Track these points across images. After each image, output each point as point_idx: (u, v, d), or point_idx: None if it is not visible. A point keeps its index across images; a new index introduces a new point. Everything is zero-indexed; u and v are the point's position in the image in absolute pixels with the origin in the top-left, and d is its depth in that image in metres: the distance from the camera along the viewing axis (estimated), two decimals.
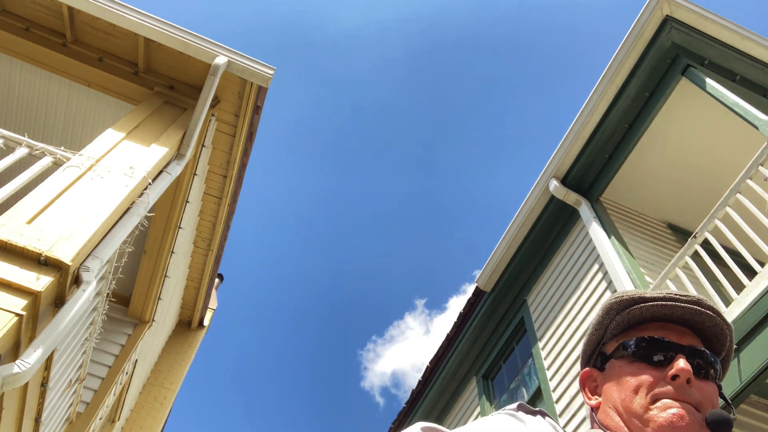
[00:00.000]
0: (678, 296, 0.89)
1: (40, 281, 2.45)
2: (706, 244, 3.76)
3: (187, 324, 6.81)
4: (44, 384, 3.01)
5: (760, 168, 3.49)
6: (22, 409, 2.85)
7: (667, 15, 4.49)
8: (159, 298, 5.20)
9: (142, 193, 3.34)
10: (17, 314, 2.30)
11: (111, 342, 4.88)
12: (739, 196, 3.57)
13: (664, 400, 0.80)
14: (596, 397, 0.93)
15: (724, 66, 4.54)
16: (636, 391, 0.83)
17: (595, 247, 4.73)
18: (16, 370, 2.25)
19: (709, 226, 3.69)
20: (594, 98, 4.92)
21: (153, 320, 5.29)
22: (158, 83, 4.21)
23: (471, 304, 6.31)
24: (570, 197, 5.18)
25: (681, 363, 0.81)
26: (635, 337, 0.89)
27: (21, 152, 3.18)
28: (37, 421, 3.16)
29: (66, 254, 2.58)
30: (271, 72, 4.06)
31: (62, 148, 3.34)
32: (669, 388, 0.80)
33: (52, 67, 4.17)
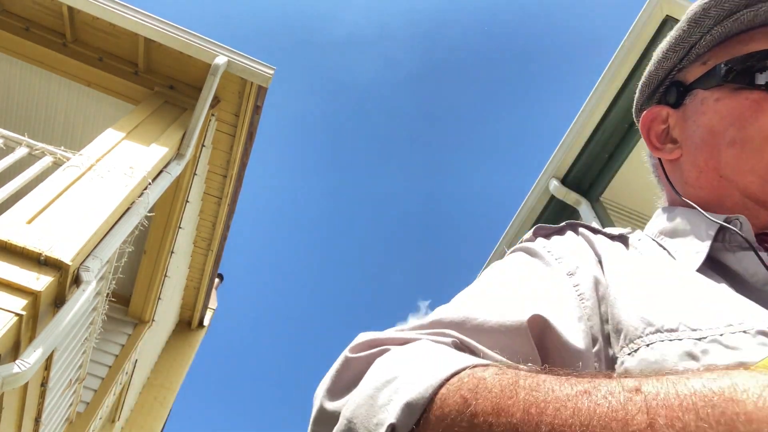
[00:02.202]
0: None
1: (40, 281, 2.45)
2: None
3: (187, 324, 6.80)
4: (44, 384, 3.01)
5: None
6: (22, 409, 2.85)
7: (667, 15, 4.49)
8: (159, 298, 5.19)
9: (142, 193, 3.33)
10: (17, 314, 2.29)
11: (111, 342, 4.88)
12: None
13: None
14: (670, 145, 0.67)
15: None
16: (749, 132, 0.57)
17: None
18: (16, 370, 2.25)
19: None
20: (594, 98, 4.92)
21: (153, 320, 5.29)
22: (158, 83, 4.21)
23: None
24: (570, 197, 5.18)
25: None
26: (740, 53, 0.60)
27: (21, 152, 3.18)
28: (37, 421, 3.16)
29: (66, 254, 2.58)
30: (271, 72, 4.06)
31: (62, 148, 3.34)
32: None
33: (52, 67, 4.17)
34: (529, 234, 0.64)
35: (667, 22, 4.48)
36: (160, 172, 3.63)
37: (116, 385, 4.80)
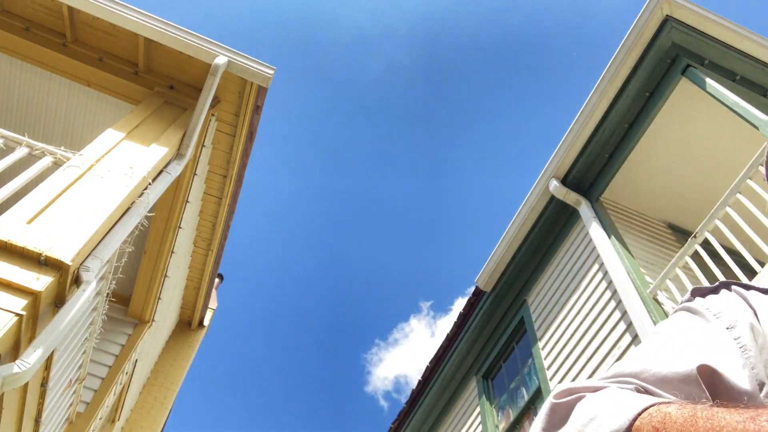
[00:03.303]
0: None
1: (40, 281, 2.45)
2: (706, 244, 3.76)
3: (187, 324, 6.81)
4: (44, 384, 3.01)
5: (760, 168, 3.48)
6: (22, 409, 2.85)
7: (667, 15, 4.48)
8: (159, 298, 5.20)
9: (142, 193, 3.33)
10: (17, 314, 2.29)
11: (111, 342, 4.88)
12: (739, 196, 3.57)
13: None
14: None
15: (724, 66, 4.53)
16: None
17: (595, 247, 4.73)
18: (16, 370, 2.25)
19: (709, 226, 3.69)
20: (594, 98, 4.92)
21: (153, 320, 5.29)
22: (158, 83, 4.21)
23: (471, 304, 6.31)
24: (570, 197, 5.18)
25: None
26: None
27: (21, 152, 3.18)
28: (37, 421, 3.16)
29: (66, 254, 2.58)
30: (271, 72, 4.06)
31: (62, 148, 3.34)
32: None
33: (52, 67, 4.17)
34: (687, 295, 0.72)
35: (667, 21, 4.48)
36: (160, 172, 3.63)
37: (116, 385, 4.80)
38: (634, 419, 0.47)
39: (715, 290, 0.70)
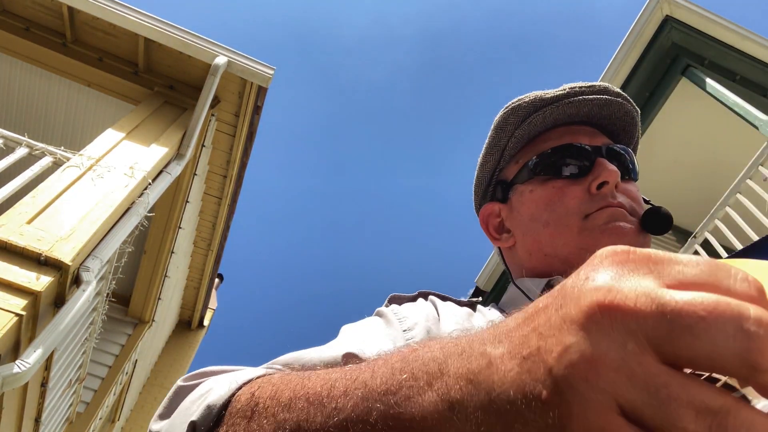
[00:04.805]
0: (582, 88, 0.74)
1: (40, 281, 2.45)
2: (706, 244, 3.76)
3: (187, 324, 6.80)
4: (44, 384, 3.01)
5: (760, 168, 3.49)
6: (22, 409, 2.85)
7: (667, 15, 4.48)
8: (159, 298, 5.20)
9: (142, 193, 3.33)
10: (17, 314, 2.30)
11: (111, 342, 4.88)
12: (739, 196, 3.57)
13: (598, 213, 0.66)
14: (505, 235, 0.78)
15: (724, 66, 4.53)
16: (558, 212, 0.68)
17: None
18: (16, 370, 2.25)
19: (709, 226, 3.69)
20: None
21: (153, 320, 5.29)
22: (158, 83, 4.21)
23: None
24: None
25: (607, 166, 0.68)
26: (541, 151, 0.72)
27: (21, 152, 3.18)
28: (37, 421, 3.16)
29: (66, 254, 2.58)
30: (271, 72, 4.06)
31: (62, 148, 3.34)
32: (598, 199, 0.67)
33: (52, 67, 4.17)
34: (385, 302, 0.70)
35: (667, 22, 4.48)
36: (160, 172, 3.63)
37: (116, 385, 4.80)
38: (239, 388, 0.42)
39: (412, 299, 0.69)
